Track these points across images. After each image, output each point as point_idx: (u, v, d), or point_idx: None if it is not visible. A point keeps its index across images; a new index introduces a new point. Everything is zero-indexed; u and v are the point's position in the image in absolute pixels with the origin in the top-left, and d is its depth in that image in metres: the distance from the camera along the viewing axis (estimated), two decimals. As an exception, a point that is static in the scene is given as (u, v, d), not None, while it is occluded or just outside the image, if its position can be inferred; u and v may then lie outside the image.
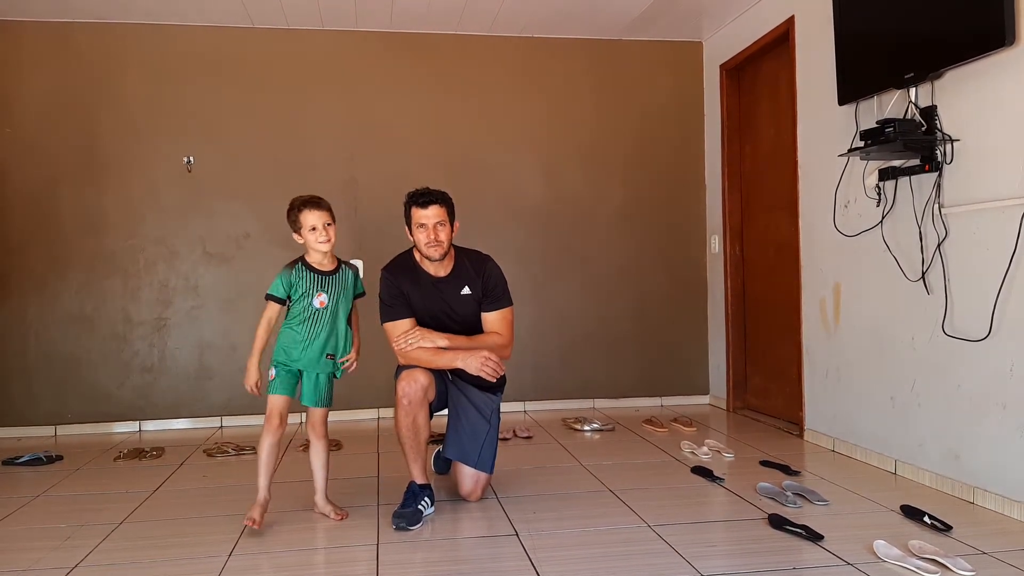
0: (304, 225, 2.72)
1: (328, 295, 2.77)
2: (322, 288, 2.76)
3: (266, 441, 2.73)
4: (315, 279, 2.76)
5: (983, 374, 2.80)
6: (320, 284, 2.76)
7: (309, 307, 2.74)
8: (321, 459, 2.83)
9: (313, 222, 2.71)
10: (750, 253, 4.73)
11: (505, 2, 4.41)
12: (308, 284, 2.75)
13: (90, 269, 4.58)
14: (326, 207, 2.77)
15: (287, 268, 2.77)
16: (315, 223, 2.71)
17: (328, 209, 2.77)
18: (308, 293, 2.74)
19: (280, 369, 2.75)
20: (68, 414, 4.55)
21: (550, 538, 2.56)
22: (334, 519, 2.78)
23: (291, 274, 2.75)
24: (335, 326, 2.79)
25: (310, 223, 2.71)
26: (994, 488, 2.76)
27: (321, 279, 2.77)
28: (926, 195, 3.04)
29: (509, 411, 4.78)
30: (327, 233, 2.73)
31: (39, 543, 2.62)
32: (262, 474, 2.72)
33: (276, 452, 2.75)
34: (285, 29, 4.75)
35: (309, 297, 2.74)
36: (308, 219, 2.72)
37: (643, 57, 5.11)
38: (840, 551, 2.37)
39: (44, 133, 4.54)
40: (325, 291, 2.76)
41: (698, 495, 3.03)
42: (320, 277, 2.77)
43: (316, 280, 2.76)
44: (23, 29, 4.52)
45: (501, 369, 2.84)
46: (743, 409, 4.79)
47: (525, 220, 4.97)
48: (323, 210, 2.75)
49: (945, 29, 2.85)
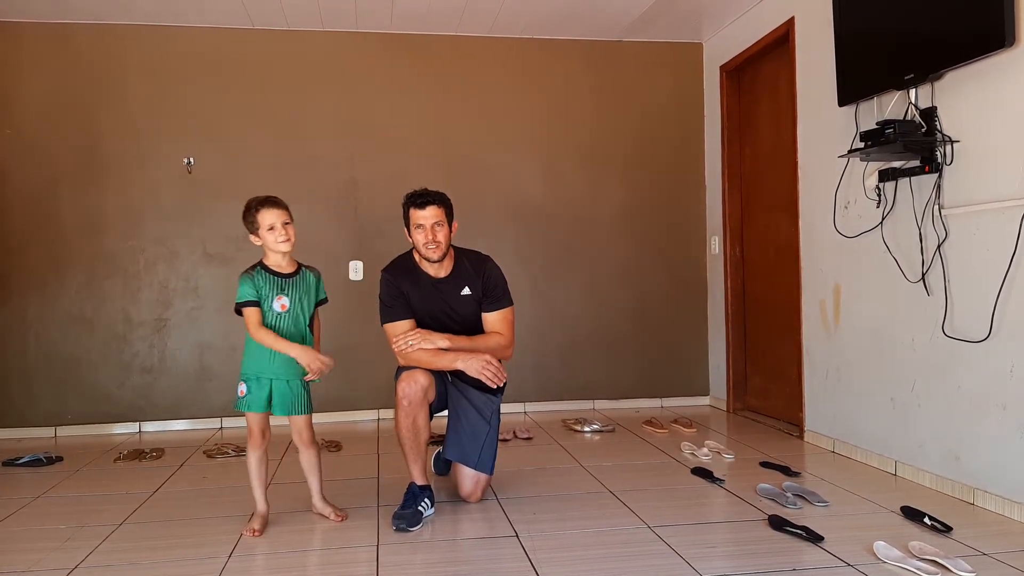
0: (262, 224, 2.63)
1: (289, 298, 2.68)
2: (282, 291, 2.67)
3: (253, 456, 2.72)
4: (274, 282, 2.68)
5: (983, 375, 2.80)
6: (279, 287, 2.68)
7: (270, 311, 2.66)
8: (311, 465, 2.79)
9: (271, 221, 2.63)
10: (750, 254, 4.73)
11: (505, 3, 4.41)
12: (268, 288, 2.67)
13: (90, 270, 4.58)
14: (284, 206, 2.69)
15: (246, 273, 2.68)
16: (273, 222, 2.63)
17: (286, 208, 2.69)
18: (268, 297, 2.66)
19: (250, 384, 2.68)
20: (68, 415, 4.55)
21: (550, 539, 2.56)
22: (334, 520, 2.78)
23: (252, 278, 2.66)
24: (299, 329, 2.71)
25: (268, 222, 2.63)
26: (994, 489, 2.76)
27: (280, 282, 2.69)
28: (926, 196, 3.04)
29: (509, 412, 4.77)
30: (286, 232, 2.65)
31: (39, 544, 2.62)
32: (256, 487, 2.72)
33: (265, 463, 2.75)
34: (285, 30, 4.75)
35: (269, 301, 2.66)
36: (266, 218, 2.64)
37: (643, 58, 5.11)
38: (840, 552, 2.37)
39: (44, 134, 4.54)
40: (285, 294, 2.68)
41: (698, 496, 3.03)
42: (279, 280, 2.69)
43: (275, 283, 2.67)
44: (23, 30, 4.52)
45: (502, 375, 2.84)
46: (743, 410, 4.79)
47: (525, 221, 4.97)
48: (281, 208, 2.67)
49: (945, 30, 2.85)
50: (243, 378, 2.70)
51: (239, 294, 2.66)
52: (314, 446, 2.80)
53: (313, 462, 2.80)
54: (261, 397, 2.68)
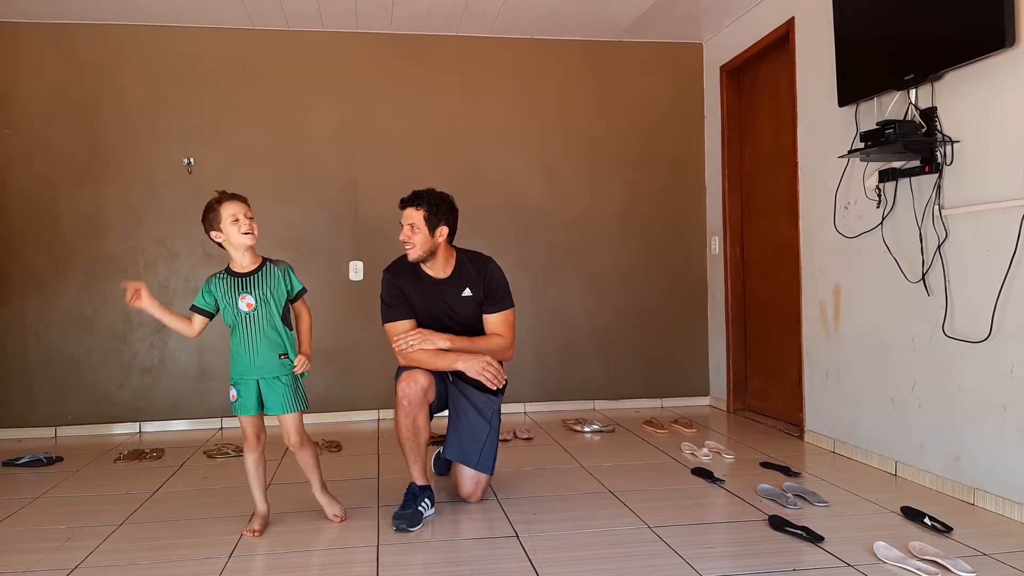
0: (224, 218, 2.55)
1: (253, 296, 2.62)
2: (244, 290, 2.62)
3: (250, 458, 2.72)
4: (234, 283, 2.63)
5: (983, 375, 2.80)
6: (240, 286, 2.63)
7: (238, 312, 2.63)
8: (309, 463, 2.77)
9: (234, 211, 2.55)
10: (750, 254, 4.73)
11: (505, 4, 4.41)
12: (227, 289, 2.63)
13: (90, 270, 4.58)
14: (243, 199, 2.61)
15: (209, 279, 2.68)
16: (235, 212, 2.55)
17: (245, 200, 2.61)
18: (230, 298, 2.63)
19: (239, 388, 2.67)
20: (68, 415, 4.55)
21: (550, 540, 2.56)
22: (332, 519, 2.77)
23: (210, 282, 2.66)
24: (272, 325, 2.65)
25: (231, 212, 2.55)
26: (994, 489, 2.76)
27: (241, 281, 2.63)
28: (926, 196, 3.04)
29: (509, 412, 4.77)
30: (250, 224, 2.58)
31: (39, 544, 2.62)
32: (255, 488, 2.73)
33: (263, 465, 2.75)
34: (285, 30, 4.75)
35: (233, 302, 2.62)
36: (229, 208, 2.55)
37: (643, 58, 5.11)
38: (840, 552, 2.37)
39: (44, 134, 4.54)
40: (248, 292, 2.62)
41: (698, 496, 3.03)
42: (239, 280, 2.64)
43: (235, 284, 2.63)
44: (24, 31, 4.52)
45: (502, 376, 2.85)
46: (743, 410, 4.78)
47: (525, 221, 4.97)
48: (242, 201, 2.60)
49: (945, 31, 2.85)
50: (232, 383, 2.71)
51: (197, 297, 2.68)
52: (307, 447, 2.75)
53: (310, 463, 2.78)
54: (251, 399, 2.67)
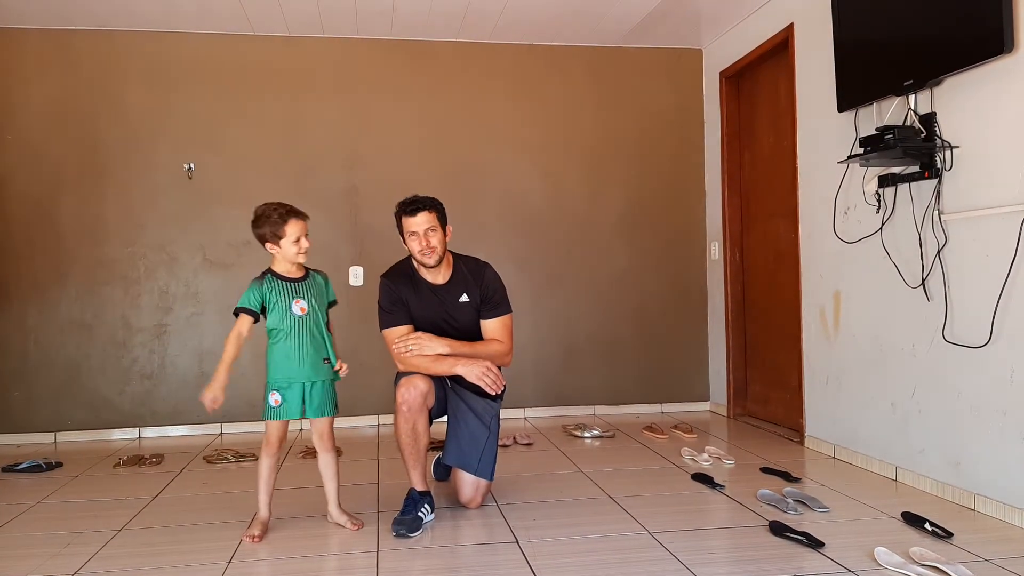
0: (288, 235, 2.64)
1: (306, 300, 2.70)
2: (297, 294, 2.68)
3: (267, 462, 2.72)
4: (288, 287, 2.68)
5: (983, 381, 2.80)
6: (295, 291, 2.69)
7: (289, 316, 2.66)
8: (331, 470, 2.79)
9: (298, 232, 2.65)
10: (750, 260, 4.73)
11: (505, 10, 4.42)
12: (282, 293, 2.67)
13: (90, 276, 4.58)
14: (306, 216, 2.73)
15: (256, 281, 2.68)
16: (299, 234, 2.65)
17: (307, 218, 2.73)
18: (284, 303, 2.66)
19: (284, 392, 2.67)
20: (68, 421, 4.54)
21: (550, 545, 2.56)
22: (351, 528, 2.75)
23: (261, 285, 2.67)
24: (320, 331, 2.72)
25: (295, 233, 2.64)
26: (995, 495, 2.76)
27: (295, 286, 2.70)
28: (926, 202, 3.05)
29: (509, 418, 4.77)
30: (307, 244, 2.68)
31: (38, 550, 2.61)
32: (263, 492, 2.72)
33: (276, 472, 2.76)
34: (286, 36, 4.76)
35: (287, 306, 2.66)
36: (293, 230, 2.64)
37: (643, 64, 5.12)
38: (841, 558, 2.37)
39: (45, 140, 4.55)
40: (302, 296, 2.69)
41: (699, 502, 3.03)
42: (293, 284, 2.70)
43: (289, 288, 2.68)
44: (25, 37, 4.53)
45: (501, 381, 2.85)
46: (743, 416, 4.78)
47: (525, 227, 4.98)
48: (304, 219, 2.70)
49: (944, 36, 2.86)
50: (274, 387, 2.68)
51: (242, 298, 2.66)
52: (334, 450, 2.81)
53: (332, 467, 2.79)
54: (295, 404, 2.68)
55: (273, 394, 2.68)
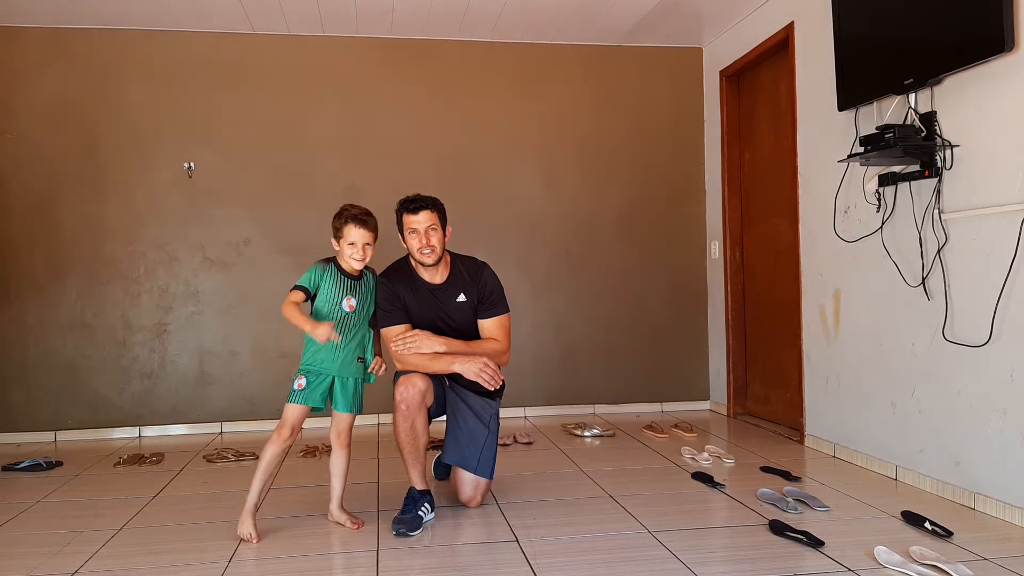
0: (345, 238, 2.70)
1: (357, 299, 2.76)
2: (351, 292, 2.75)
3: (275, 449, 2.67)
4: (343, 283, 2.74)
5: (984, 380, 2.80)
6: (349, 288, 2.75)
7: (338, 310, 2.72)
8: (342, 467, 2.80)
9: (354, 238, 2.69)
10: (750, 259, 4.73)
11: (505, 9, 4.42)
12: (335, 287, 2.72)
13: (90, 275, 4.58)
14: (372, 227, 2.74)
15: (320, 264, 2.74)
16: (355, 239, 2.69)
17: (374, 229, 2.75)
18: (335, 296, 2.72)
19: (311, 377, 2.70)
20: (68, 420, 4.54)
21: (550, 544, 2.56)
22: (350, 528, 2.75)
23: (322, 271, 2.72)
24: (363, 329, 2.80)
25: (351, 238, 2.69)
26: (995, 494, 2.76)
27: (350, 283, 2.76)
28: (926, 201, 3.04)
29: (509, 416, 4.77)
30: (364, 253, 2.71)
31: (38, 549, 2.62)
32: (259, 480, 2.67)
33: (280, 463, 2.76)
34: (286, 35, 4.76)
35: (337, 300, 2.72)
36: (351, 234, 2.69)
37: (643, 63, 5.12)
38: (841, 557, 2.37)
39: (45, 139, 4.55)
40: (354, 295, 2.75)
41: (699, 501, 3.03)
42: (349, 281, 2.76)
43: (344, 284, 2.74)
44: (24, 35, 4.53)
45: (499, 377, 2.85)
46: (743, 415, 4.78)
47: (525, 226, 4.98)
48: (368, 229, 2.72)
49: (944, 35, 2.86)
50: (303, 371, 2.71)
51: (303, 276, 2.70)
52: (349, 448, 2.82)
53: (342, 465, 2.81)
54: (319, 392, 2.71)
55: (300, 378, 2.71)
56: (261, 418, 4.68)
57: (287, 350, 4.70)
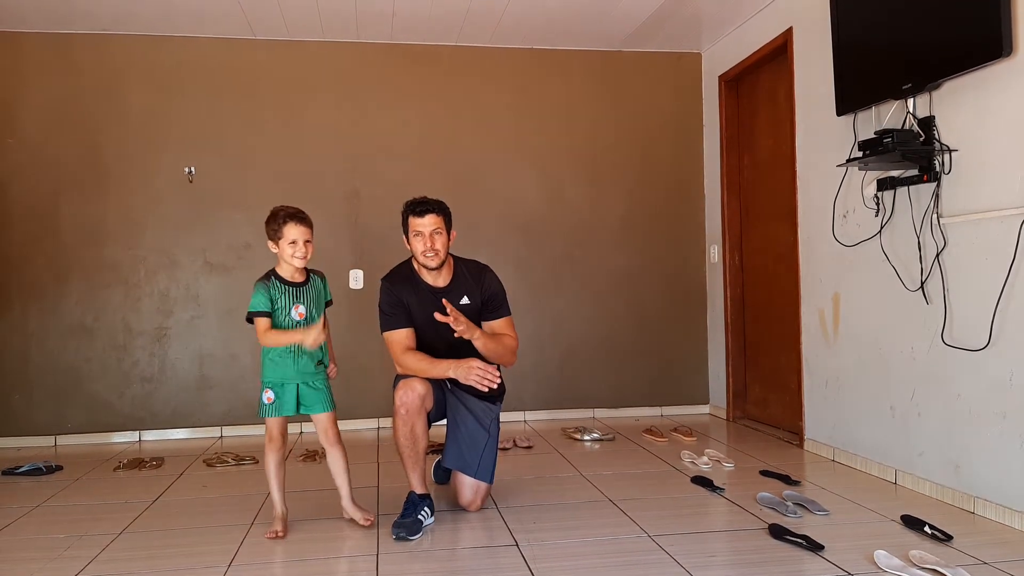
0: (285, 237, 2.71)
1: (304, 306, 2.76)
2: (297, 300, 2.76)
3: (272, 458, 2.78)
4: (290, 292, 2.75)
5: (983, 384, 2.80)
6: (295, 296, 2.76)
7: (289, 320, 2.73)
8: (340, 465, 2.84)
9: (294, 236, 2.71)
10: (749, 262, 4.74)
11: (505, 14, 4.43)
12: (284, 299, 2.74)
13: (91, 279, 4.59)
14: (309, 223, 2.77)
15: (262, 282, 2.74)
16: (296, 237, 2.71)
17: (311, 226, 2.78)
18: (286, 307, 2.73)
19: (277, 391, 2.74)
20: (68, 424, 4.54)
21: (550, 548, 2.56)
22: (363, 524, 2.79)
23: (269, 288, 2.73)
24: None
25: (291, 236, 2.71)
26: (995, 498, 2.76)
27: (295, 291, 2.77)
28: (925, 205, 3.05)
29: (509, 420, 4.77)
30: (305, 249, 2.73)
31: (38, 553, 2.62)
32: (275, 490, 2.77)
33: (283, 467, 2.81)
34: (286, 40, 4.77)
35: (287, 311, 2.73)
36: (290, 232, 2.71)
37: (642, 68, 5.13)
38: (841, 561, 2.37)
39: (46, 143, 4.56)
40: (301, 302, 2.76)
41: (698, 505, 3.03)
42: (294, 289, 2.77)
43: (291, 293, 2.76)
44: (26, 41, 4.54)
45: (494, 375, 2.78)
46: (743, 419, 4.78)
47: (525, 230, 4.98)
48: (306, 226, 2.75)
49: (943, 40, 2.87)
50: (268, 385, 2.75)
51: (253, 303, 2.71)
52: (341, 445, 2.85)
53: (340, 462, 2.84)
54: (289, 401, 2.75)
55: (267, 392, 2.75)
56: (261, 422, 4.66)
57: (287, 354, 4.70)
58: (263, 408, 2.76)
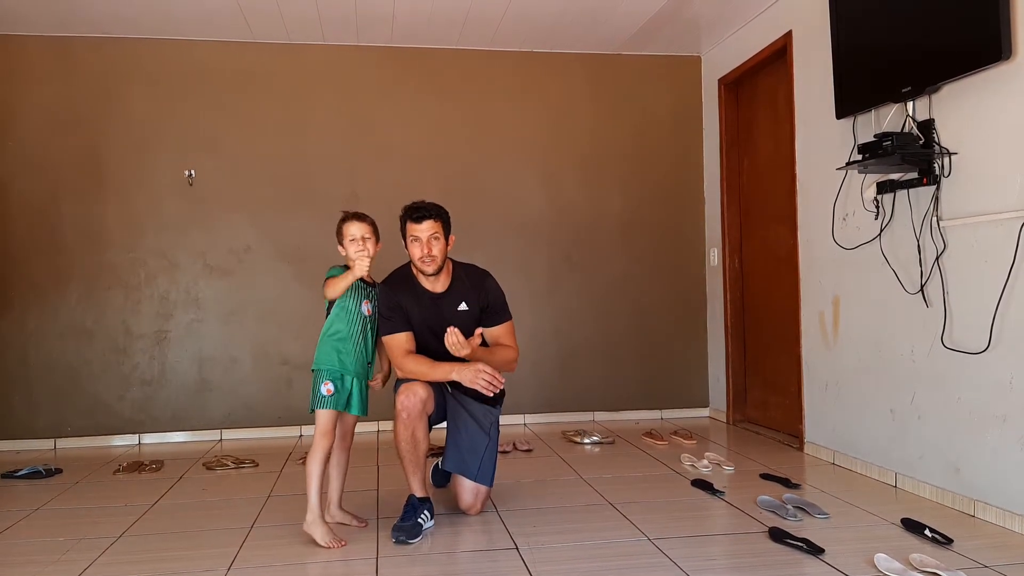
0: (347, 235, 2.77)
1: (371, 304, 2.83)
2: (367, 297, 2.83)
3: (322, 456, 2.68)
4: (361, 287, 2.82)
5: (983, 386, 2.80)
6: (365, 293, 2.83)
7: (357, 312, 2.78)
8: (343, 469, 2.88)
9: (354, 233, 2.76)
10: (749, 266, 4.74)
11: (505, 17, 4.44)
12: (354, 289, 2.78)
13: (91, 282, 4.59)
14: (370, 221, 2.82)
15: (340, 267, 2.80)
16: (356, 234, 2.75)
17: (371, 224, 2.82)
18: (355, 299, 2.78)
19: (337, 383, 2.73)
20: (68, 427, 4.54)
21: (550, 552, 2.55)
22: (357, 526, 2.81)
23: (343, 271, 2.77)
24: (374, 336, 2.87)
25: (352, 234, 2.76)
26: (995, 501, 2.76)
27: (366, 289, 2.84)
28: (924, 208, 3.05)
29: (509, 424, 4.77)
30: (365, 245, 2.75)
31: (37, 557, 2.61)
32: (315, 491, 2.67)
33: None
34: (286, 43, 4.78)
35: (356, 303, 2.78)
36: (350, 230, 2.76)
37: (642, 71, 5.14)
38: (841, 564, 2.37)
39: (46, 146, 4.56)
40: (370, 300, 2.83)
41: (698, 508, 3.03)
42: (366, 287, 2.84)
43: (362, 288, 2.82)
44: (26, 43, 4.54)
45: (498, 382, 2.81)
46: (743, 422, 4.78)
47: (525, 233, 4.98)
48: (364, 223, 2.80)
49: (942, 43, 2.87)
50: (328, 377, 2.72)
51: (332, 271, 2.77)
52: (349, 450, 2.92)
53: (344, 466, 2.89)
54: (344, 395, 2.75)
55: (326, 383, 2.72)
56: (261, 425, 4.68)
57: (287, 357, 4.70)
58: (320, 400, 2.70)
